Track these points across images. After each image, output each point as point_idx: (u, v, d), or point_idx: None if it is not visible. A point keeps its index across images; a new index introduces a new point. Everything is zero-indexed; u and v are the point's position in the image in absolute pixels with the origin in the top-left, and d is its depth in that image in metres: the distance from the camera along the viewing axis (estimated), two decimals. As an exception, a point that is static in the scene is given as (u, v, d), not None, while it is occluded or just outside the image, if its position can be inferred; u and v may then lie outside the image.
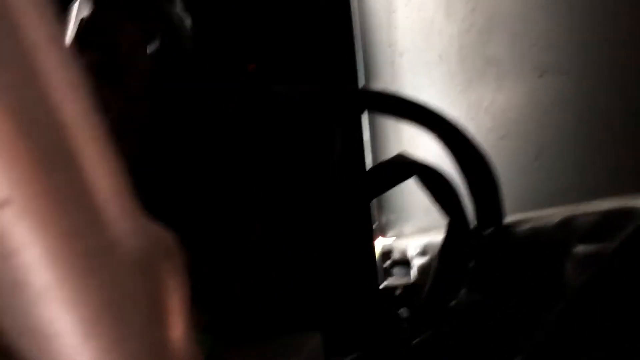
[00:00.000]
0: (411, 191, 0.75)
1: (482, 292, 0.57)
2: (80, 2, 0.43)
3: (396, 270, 1.14)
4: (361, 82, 1.06)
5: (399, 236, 1.22)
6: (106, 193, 0.19)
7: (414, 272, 0.91)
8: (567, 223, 0.50)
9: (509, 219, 0.65)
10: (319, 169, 0.71)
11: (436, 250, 0.88)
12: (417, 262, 0.90)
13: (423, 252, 0.89)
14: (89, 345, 0.19)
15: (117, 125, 0.27)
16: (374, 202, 1.19)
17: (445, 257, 0.67)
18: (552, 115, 0.61)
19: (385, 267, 1.14)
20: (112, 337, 0.20)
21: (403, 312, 0.72)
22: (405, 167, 0.60)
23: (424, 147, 0.96)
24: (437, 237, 0.86)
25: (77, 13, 0.41)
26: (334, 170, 0.73)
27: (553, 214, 0.57)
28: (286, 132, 0.68)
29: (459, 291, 0.60)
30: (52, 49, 0.17)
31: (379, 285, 0.94)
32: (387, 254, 1.16)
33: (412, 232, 1.17)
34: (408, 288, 0.89)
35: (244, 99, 0.65)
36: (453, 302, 0.57)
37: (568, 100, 0.58)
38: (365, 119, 0.99)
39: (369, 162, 1.01)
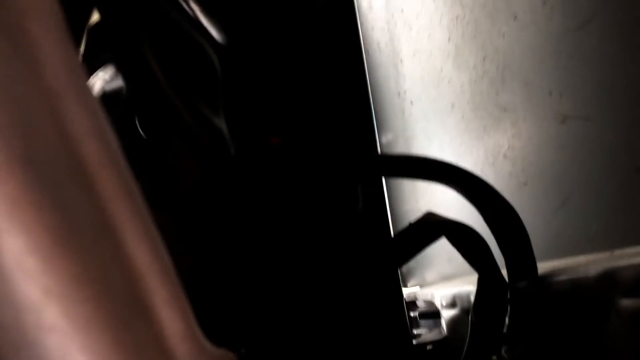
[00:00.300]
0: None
1: (524, 349, 0.55)
2: None
3: (423, 322, 1.11)
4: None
5: (421, 285, 1.20)
6: (177, 337, 0.18)
7: (444, 325, 0.88)
8: (608, 275, 0.48)
9: (540, 268, 0.63)
10: (342, 228, 0.70)
11: (465, 301, 0.85)
12: (446, 315, 0.87)
13: (452, 304, 0.86)
14: None
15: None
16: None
17: (481, 312, 0.64)
18: (577, 160, 0.60)
19: (411, 318, 1.11)
20: None
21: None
22: (434, 227, 0.59)
23: (440, 197, 0.95)
24: (464, 287, 0.84)
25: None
26: (357, 230, 0.72)
27: (587, 263, 0.56)
28: (308, 193, 0.68)
29: (499, 348, 0.58)
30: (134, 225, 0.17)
31: (411, 341, 0.91)
32: (411, 303, 1.13)
33: (435, 280, 1.15)
34: (439, 343, 0.86)
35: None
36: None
37: (592, 144, 0.57)
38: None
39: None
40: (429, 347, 0.89)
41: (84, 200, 0.16)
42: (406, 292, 1.17)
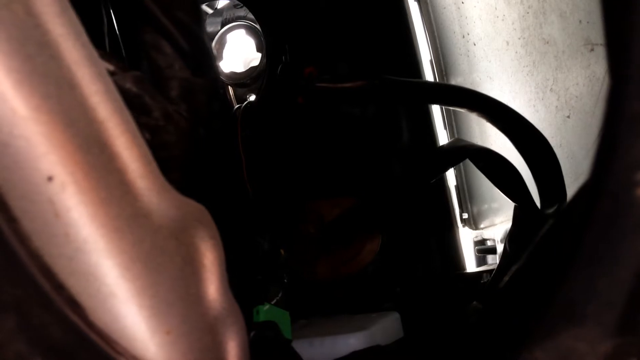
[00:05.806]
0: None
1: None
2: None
3: (490, 258, 1.15)
4: (438, 75, 1.08)
5: (490, 226, 1.22)
6: (135, 173, 0.26)
7: (497, 259, 0.91)
8: None
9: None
10: (386, 154, 0.76)
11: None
12: (500, 248, 0.90)
13: (503, 239, 0.89)
14: (125, 286, 0.26)
15: (162, 124, 0.34)
16: (465, 192, 1.20)
17: (513, 241, 0.68)
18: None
19: (479, 255, 1.15)
20: (145, 280, 0.27)
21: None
22: (459, 151, 0.63)
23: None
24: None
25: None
26: (402, 155, 0.78)
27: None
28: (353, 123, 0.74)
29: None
30: (89, 67, 0.25)
31: (460, 270, 0.96)
32: (480, 242, 1.16)
33: (503, 222, 1.16)
34: (490, 272, 0.89)
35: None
36: (503, 282, 0.59)
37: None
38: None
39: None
40: (485, 277, 0.93)
41: (52, 65, 0.23)
42: (475, 233, 1.20)
